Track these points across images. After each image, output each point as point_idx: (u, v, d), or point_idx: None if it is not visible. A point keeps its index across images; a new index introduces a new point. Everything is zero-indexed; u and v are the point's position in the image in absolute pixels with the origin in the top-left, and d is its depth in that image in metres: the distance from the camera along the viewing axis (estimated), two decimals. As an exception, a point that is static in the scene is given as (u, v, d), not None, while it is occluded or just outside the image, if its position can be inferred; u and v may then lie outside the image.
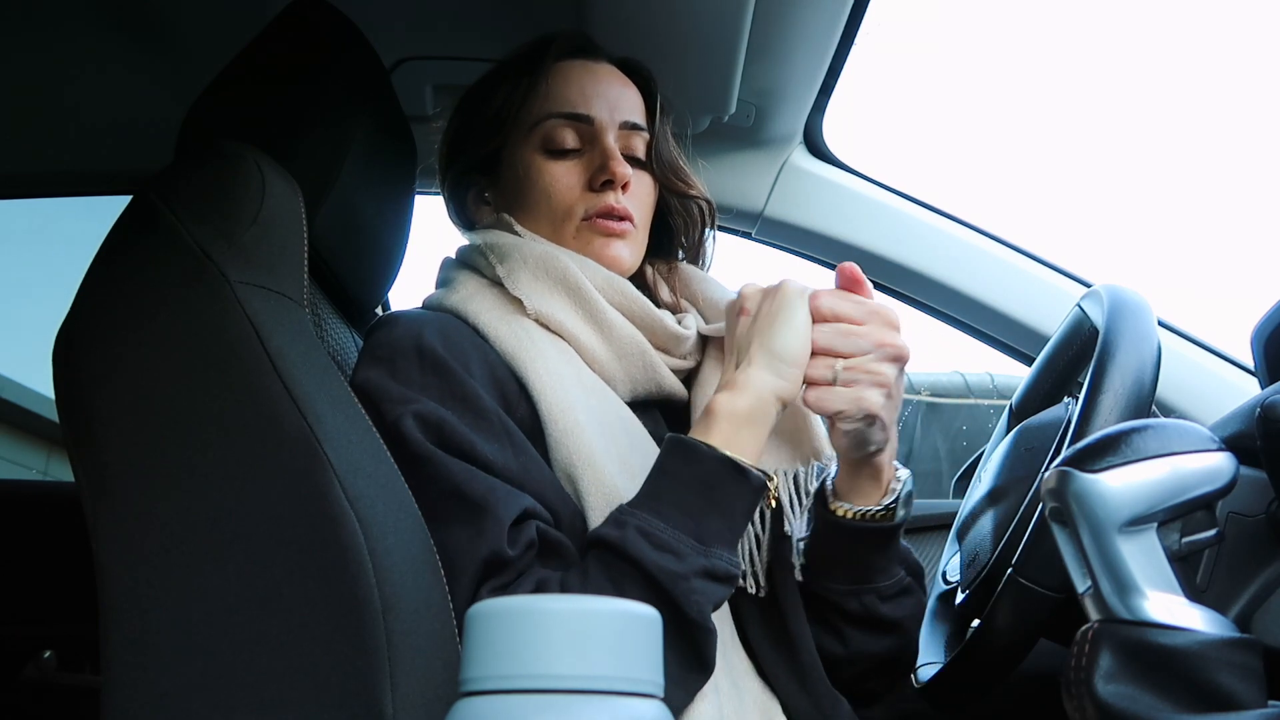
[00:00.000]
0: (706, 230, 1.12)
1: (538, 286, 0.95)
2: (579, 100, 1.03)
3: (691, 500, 0.79)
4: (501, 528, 0.78)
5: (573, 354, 0.94)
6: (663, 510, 0.79)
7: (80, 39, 1.26)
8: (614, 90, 1.05)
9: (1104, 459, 0.63)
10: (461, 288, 0.98)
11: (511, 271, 0.96)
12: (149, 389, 0.73)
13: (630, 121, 1.04)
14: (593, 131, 1.02)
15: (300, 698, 0.66)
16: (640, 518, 0.78)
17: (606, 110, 1.03)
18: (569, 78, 1.04)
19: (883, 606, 0.94)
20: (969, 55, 8.18)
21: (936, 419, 4.13)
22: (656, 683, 0.38)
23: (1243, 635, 0.61)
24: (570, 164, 1.02)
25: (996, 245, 1.49)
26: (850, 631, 0.94)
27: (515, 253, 0.97)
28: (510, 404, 0.89)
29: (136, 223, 0.81)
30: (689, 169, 1.09)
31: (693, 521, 0.79)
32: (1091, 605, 0.63)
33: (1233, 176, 9.49)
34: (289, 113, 0.90)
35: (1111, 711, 0.58)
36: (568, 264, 0.96)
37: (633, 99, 1.06)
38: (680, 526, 0.78)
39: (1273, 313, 0.90)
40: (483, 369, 0.89)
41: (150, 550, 0.69)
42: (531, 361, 0.90)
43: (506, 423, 0.86)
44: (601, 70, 1.06)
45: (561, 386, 0.89)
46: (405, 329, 0.89)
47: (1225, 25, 8.91)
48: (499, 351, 0.92)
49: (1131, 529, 0.62)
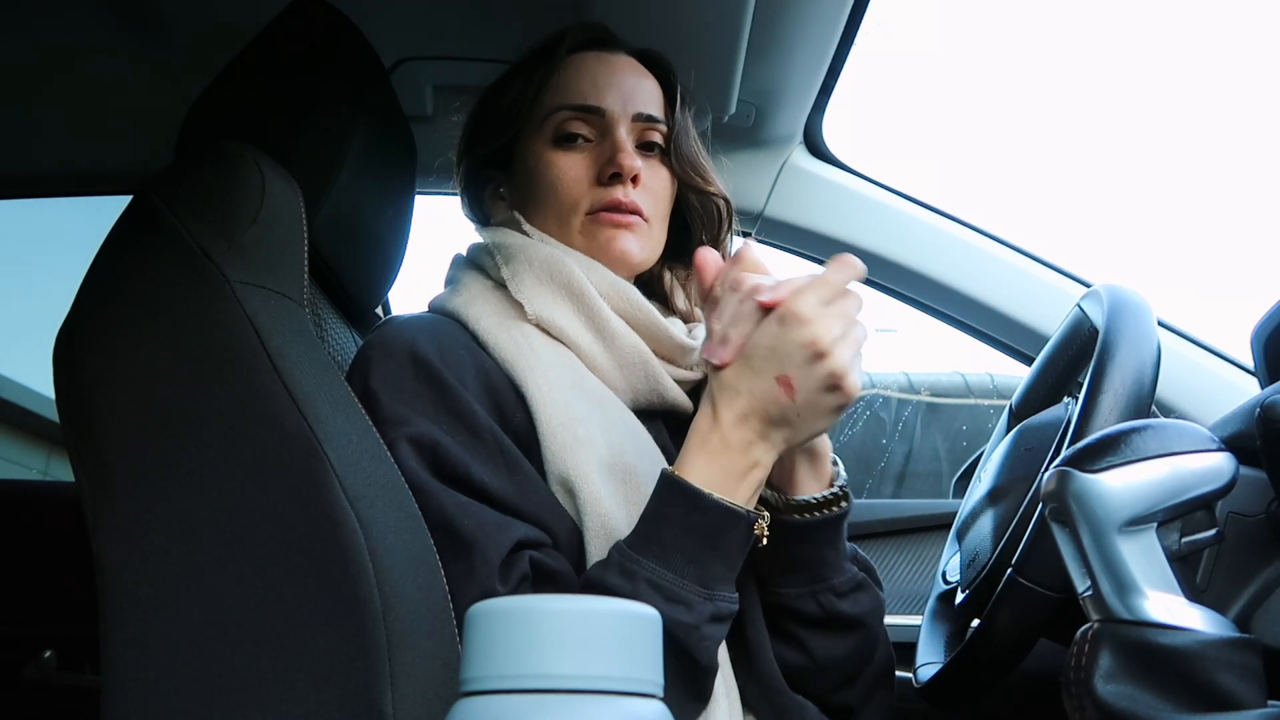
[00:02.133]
0: (725, 230, 1.07)
1: (541, 291, 0.93)
2: (590, 92, 1.00)
3: (695, 548, 0.78)
4: (491, 567, 0.77)
5: (574, 360, 0.92)
6: (670, 560, 0.77)
7: (80, 39, 1.26)
8: (629, 81, 1.02)
9: (1104, 459, 0.63)
10: (465, 290, 0.97)
11: (516, 274, 0.95)
12: (149, 389, 0.73)
13: (645, 114, 1.01)
14: (604, 123, 1.00)
15: (300, 698, 0.66)
16: (649, 569, 0.77)
17: (619, 102, 1.00)
18: (581, 69, 1.02)
19: (841, 604, 0.89)
20: (969, 55, 8.20)
21: (936, 419, 4.13)
22: (656, 683, 0.38)
23: (1242, 635, 0.61)
24: (580, 156, 0.99)
25: (996, 245, 1.49)
26: (811, 638, 0.90)
27: (521, 254, 0.95)
28: (506, 414, 0.88)
29: (136, 223, 0.81)
30: (709, 165, 1.06)
31: (697, 569, 0.77)
32: (1091, 605, 0.63)
33: (1233, 176, 9.49)
34: (289, 113, 0.90)
35: (1111, 711, 0.58)
36: (573, 268, 0.94)
37: (650, 90, 1.03)
38: (687, 575, 0.77)
39: (1273, 313, 0.90)
40: (478, 380, 0.87)
41: (150, 550, 0.69)
42: (529, 370, 0.89)
43: (501, 440, 0.85)
44: (617, 61, 1.03)
45: (560, 397, 0.88)
46: (400, 336, 0.87)
47: (1225, 25, 8.92)
48: (497, 359, 0.90)
49: (1131, 529, 0.62)
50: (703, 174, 1.04)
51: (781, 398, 0.77)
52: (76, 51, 1.28)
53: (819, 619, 0.89)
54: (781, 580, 0.89)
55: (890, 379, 4.57)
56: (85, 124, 1.44)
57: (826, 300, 0.78)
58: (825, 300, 0.78)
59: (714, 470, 0.79)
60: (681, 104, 1.04)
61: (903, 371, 4.60)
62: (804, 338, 0.76)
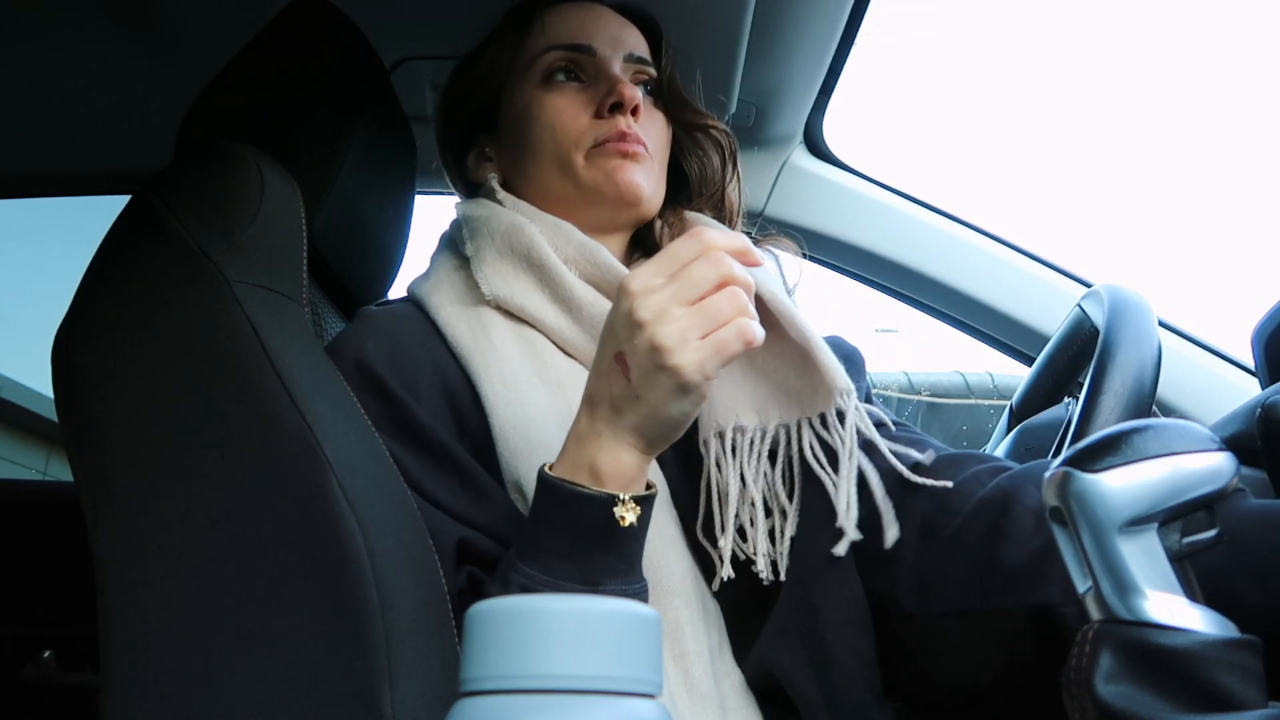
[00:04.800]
0: (729, 174, 1.01)
1: (501, 266, 0.89)
2: (579, 33, 0.97)
3: (565, 545, 0.71)
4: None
5: (540, 341, 0.88)
6: (543, 561, 0.72)
7: (80, 38, 1.26)
8: (614, 26, 0.99)
9: (1104, 459, 0.63)
10: (435, 272, 0.94)
11: (478, 249, 0.91)
12: (148, 389, 0.73)
13: (635, 54, 0.98)
14: (596, 62, 0.96)
15: (300, 698, 0.66)
16: (523, 573, 0.72)
17: (609, 44, 0.97)
18: (566, 15, 0.98)
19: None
20: (969, 55, 8.23)
21: (936, 419, 4.13)
22: (656, 683, 0.38)
23: (1243, 636, 0.61)
24: (574, 94, 0.95)
25: (996, 245, 1.49)
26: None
27: (484, 227, 0.91)
28: (462, 418, 0.84)
29: (136, 223, 0.81)
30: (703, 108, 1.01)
31: (575, 565, 0.71)
32: (1091, 605, 0.63)
33: (1233, 177, 9.51)
34: (289, 112, 0.90)
35: (1111, 711, 0.58)
36: (533, 235, 0.89)
37: (636, 37, 1.00)
38: (563, 575, 0.71)
39: (1273, 313, 0.90)
40: (432, 382, 0.84)
41: (150, 550, 0.69)
42: (485, 366, 0.84)
43: (453, 453, 0.81)
44: (601, 9, 1.00)
45: (515, 396, 0.83)
46: (349, 340, 0.85)
47: (1226, 26, 8.95)
48: (455, 353, 0.86)
49: (1132, 529, 0.62)
50: (696, 108, 1.01)
51: (621, 378, 0.70)
52: (76, 51, 1.28)
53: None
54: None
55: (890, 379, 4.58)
56: (85, 124, 1.43)
57: (664, 272, 0.69)
58: (662, 272, 0.69)
59: (580, 460, 0.72)
60: (667, 54, 1.01)
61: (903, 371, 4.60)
62: (625, 308, 0.69)
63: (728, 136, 1.02)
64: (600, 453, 0.71)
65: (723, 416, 0.86)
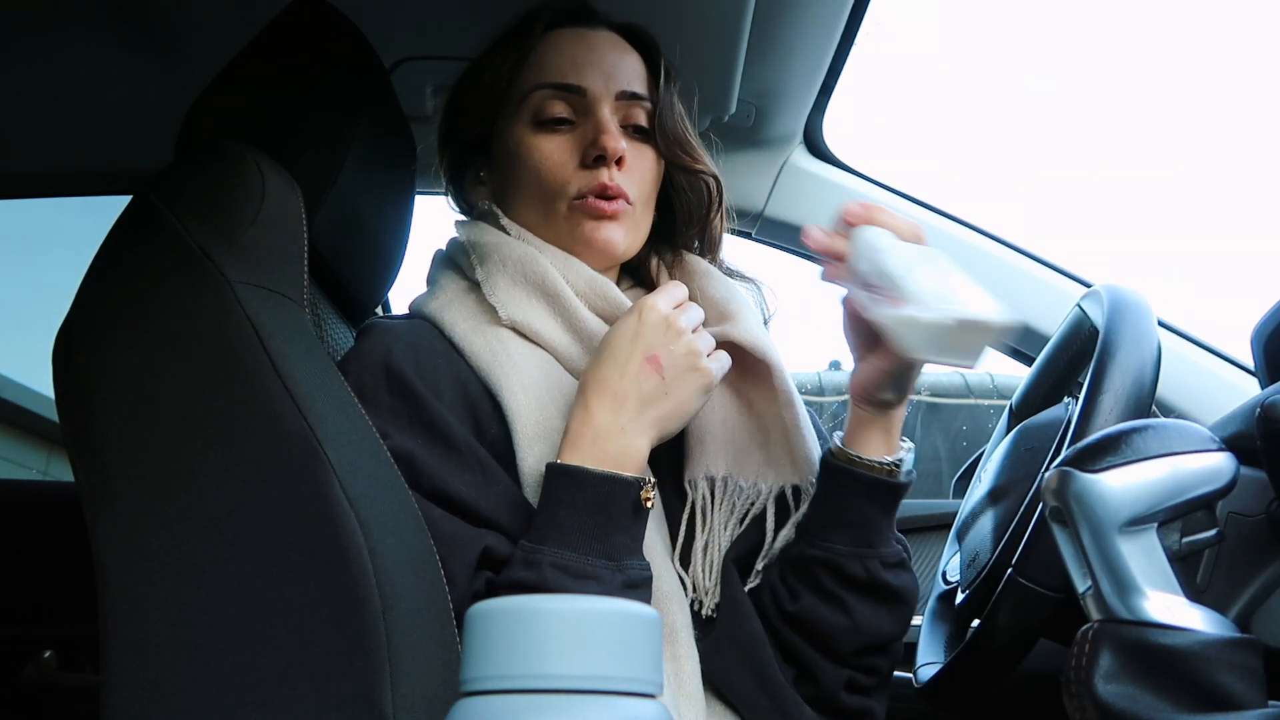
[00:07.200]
0: (716, 210, 1.04)
1: (515, 293, 0.92)
2: (570, 70, 0.97)
3: (590, 523, 0.80)
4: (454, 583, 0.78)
5: (552, 363, 0.92)
6: (569, 539, 0.79)
7: (80, 39, 1.26)
8: (610, 58, 0.98)
9: (1104, 459, 0.63)
10: (441, 292, 0.96)
11: (490, 275, 0.93)
12: (149, 389, 0.73)
13: (629, 91, 0.98)
14: (585, 103, 0.96)
15: (300, 698, 0.66)
16: (551, 554, 0.79)
17: (601, 80, 0.97)
18: (560, 47, 0.98)
19: (885, 574, 0.90)
20: (969, 55, 8.22)
21: (936, 419, 4.13)
22: (656, 682, 0.38)
23: (1243, 635, 0.61)
24: (562, 139, 0.96)
25: (996, 245, 1.48)
26: (853, 600, 0.90)
27: (495, 254, 0.94)
28: (482, 426, 0.87)
29: (136, 223, 0.81)
30: (698, 143, 1.02)
31: (599, 542, 0.80)
32: (1092, 605, 0.63)
33: (1233, 177, 9.51)
34: (289, 112, 0.90)
35: (1112, 711, 0.58)
36: (547, 268, 0.92)
37: (632, 66, 0.99)
38: (590, 551, 0.79)
39: (1273, 313, 0.90)
40: (454, 389, 0.87)
41: (150, 550, 0.69)
42: (505, 378, 0.88)
43: (477, 452, 0.85)
44: (597, 37, 1.00)
45: (535, 405, 0.88)
46: (377, 346, 0.87)
47: (1226, 26, 8.95)
48: (473, 366, 0.90)
49: (1132, 529, 0.62)
50: (690, 151, 1.01)
51: (653, 375, 0.84)
52: (76, 51, 1.28)
53: (863, 582, 0.90)
54: (831, 535, 0.90)
55: (890, 379, 4.56)
56: (85, 124, 1.43)
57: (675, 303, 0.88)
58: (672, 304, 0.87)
59: (603, 452, 0.82)
60: (666, 80, 1.00)
61: (903, 371, 4.58)
62: (655, 318, 0.85)
63: (716, 181, 1.03)
64: (625, 444, 0.83)
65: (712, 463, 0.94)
